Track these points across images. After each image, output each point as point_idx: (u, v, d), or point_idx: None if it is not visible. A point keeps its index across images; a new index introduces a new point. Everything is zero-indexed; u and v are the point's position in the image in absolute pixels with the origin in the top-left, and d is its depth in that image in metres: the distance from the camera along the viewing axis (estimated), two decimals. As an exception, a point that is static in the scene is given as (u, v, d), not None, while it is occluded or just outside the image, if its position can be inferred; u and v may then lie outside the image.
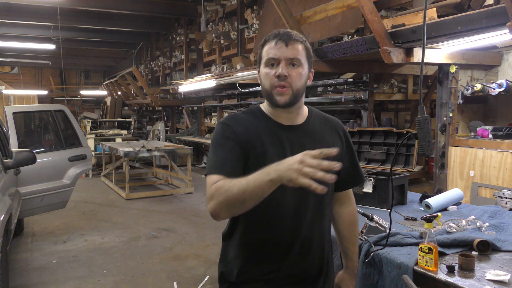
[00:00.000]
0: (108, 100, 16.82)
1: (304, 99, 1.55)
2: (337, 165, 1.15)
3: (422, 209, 2.72)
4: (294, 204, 1.47)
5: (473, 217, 2.25)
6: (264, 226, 1.47)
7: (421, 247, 1.74)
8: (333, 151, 1.16)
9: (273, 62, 1.44)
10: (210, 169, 1.39)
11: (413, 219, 2.49)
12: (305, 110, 1.59)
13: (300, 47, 1.45)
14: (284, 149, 1.47)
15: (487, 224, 2.17)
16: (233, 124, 1.48)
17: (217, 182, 1.32)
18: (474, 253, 1.87)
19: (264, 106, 1.56)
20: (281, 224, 1.47)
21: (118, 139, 11.08)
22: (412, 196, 3.06)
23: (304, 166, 1.12)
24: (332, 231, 1.71)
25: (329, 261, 1.63)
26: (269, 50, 1.45)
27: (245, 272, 1.52)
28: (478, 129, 4.27)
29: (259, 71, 1.54)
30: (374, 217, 2.13)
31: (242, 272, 1.52)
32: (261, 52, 1.50)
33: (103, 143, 10.16)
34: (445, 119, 4.15)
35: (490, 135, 4.06)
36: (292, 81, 1.43)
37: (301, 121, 1.55)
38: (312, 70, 1.53)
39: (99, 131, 12.02)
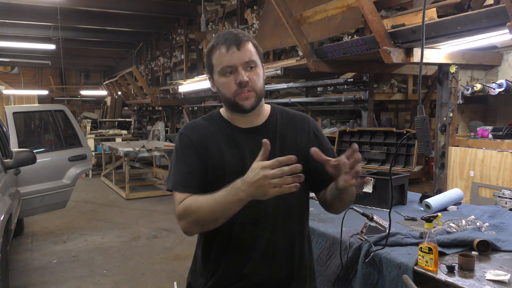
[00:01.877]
0: (108, 100, 16.81)
1: (263, 99, 1.51)
2: (298, 166, 1.15)
3: (422, 209, 2.72)
4: (254, 207, 1.37)
5: (473, 217, 2.25)
6: (225, 232, 1.42)
7: (421, 247, 1.74)
8: (291, 158, 1.15)
9: (230, 70, 1.38)
10: (174, 185, 1.42)
11: (413, 219, 2.49)
12: (266, 109, 1.52)
13: (250, 46, 1.40)
14: (242, 153, 1.43)
15: (487, 224, 2.17)
16: (189, 133, 1.47)
17: (183, 202, 1.36)
18: (474, 253, 1.87)
19: (223, 110, 1.52)
20: (242, 228, 1.43)
21: (118, 139, 11.08)
22: (412, 196, 3.06)
23: (269, 179, 1.14)
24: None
25: (305, 265, 1.54)
26: (222, 57, 1.38)
27: (210, 282, 1.47)
28: (478, 129, 4.26)
29: (210, 79, 1.48)
30: (374, 217, 2.13)
31: (207, 282, 1.48)
32: (210, 60, 1.42)
33: (103, 143, 10.16)
34: (445, 119, 4.14)
35: (490, 135, 4.06)
36: (254, 85, 1.39)
37: (261, 122, 1.49)
38: (263, 64, 1.49)
39: (99, 131, 12.02)
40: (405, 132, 4.50)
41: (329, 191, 1.46)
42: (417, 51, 3.61)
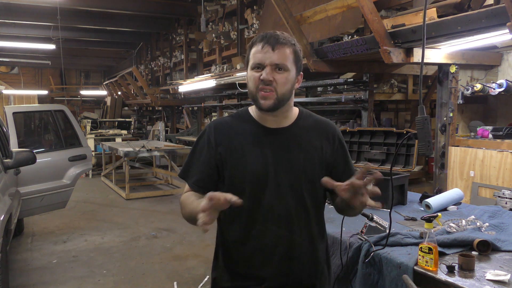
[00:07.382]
0: (108, 100, 16.82)
1: (292, 101, 1.53)
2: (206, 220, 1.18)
3: (422, 209, 2.72)
4: (269, 206, 1.45)
5: (473, 217, 2.25)
6: (245, 229, 1.46)
7: (421, 247, 1.74)
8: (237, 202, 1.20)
9: (259, 66, 1.42)
10: (185, 174, 1.55)
11: (413, 219, 2.49)
12: (294, 112, 1.55)
13: (287, 51, 1.42)
14: (264, 152, 1.46)
15: (487, 224, 2.17)
16: (213, 131, 1.53)
17: (184, 194, 1.52)
18: (474, 253, 1.87)
19: (252, 109, 1.55)
20: (263, 227, 1.45)
21: (118, 139, 11.08)
22: (412, 196, 3.06)
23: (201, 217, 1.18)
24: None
25: (328, 267, 1.59)
26: (256, 54, 1.43)
27: (236, 280, 1.50)
28: (478, 129, 4.26)
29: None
30: (374, 217, 2.13)
31: (233, 280, 1.51)
32: (248, 54, 1.48)
33: (103, 143, 10.15)
34: (445, 119, 4.14)
35: (490, 135, 4.06)
36: (278, 86, 1.41)
37: (288, 124, 1.52)
38: (301, 73, 1.50)
39: (99, 131, 12.02)
40: (405, 132, 4.50)
41: (343, 200, 1.45)
42: (417, 51, 3.62)
